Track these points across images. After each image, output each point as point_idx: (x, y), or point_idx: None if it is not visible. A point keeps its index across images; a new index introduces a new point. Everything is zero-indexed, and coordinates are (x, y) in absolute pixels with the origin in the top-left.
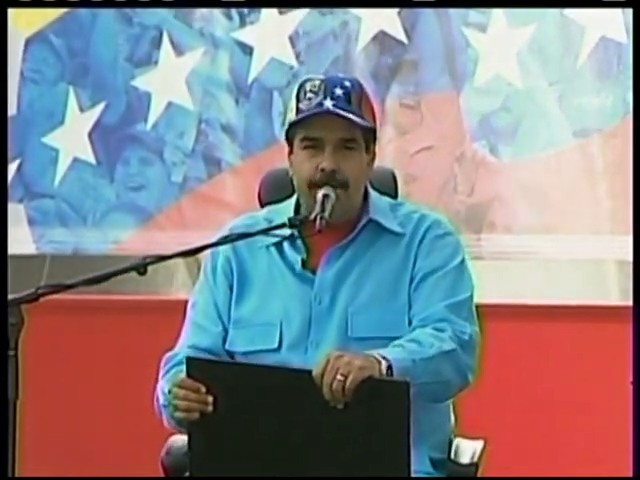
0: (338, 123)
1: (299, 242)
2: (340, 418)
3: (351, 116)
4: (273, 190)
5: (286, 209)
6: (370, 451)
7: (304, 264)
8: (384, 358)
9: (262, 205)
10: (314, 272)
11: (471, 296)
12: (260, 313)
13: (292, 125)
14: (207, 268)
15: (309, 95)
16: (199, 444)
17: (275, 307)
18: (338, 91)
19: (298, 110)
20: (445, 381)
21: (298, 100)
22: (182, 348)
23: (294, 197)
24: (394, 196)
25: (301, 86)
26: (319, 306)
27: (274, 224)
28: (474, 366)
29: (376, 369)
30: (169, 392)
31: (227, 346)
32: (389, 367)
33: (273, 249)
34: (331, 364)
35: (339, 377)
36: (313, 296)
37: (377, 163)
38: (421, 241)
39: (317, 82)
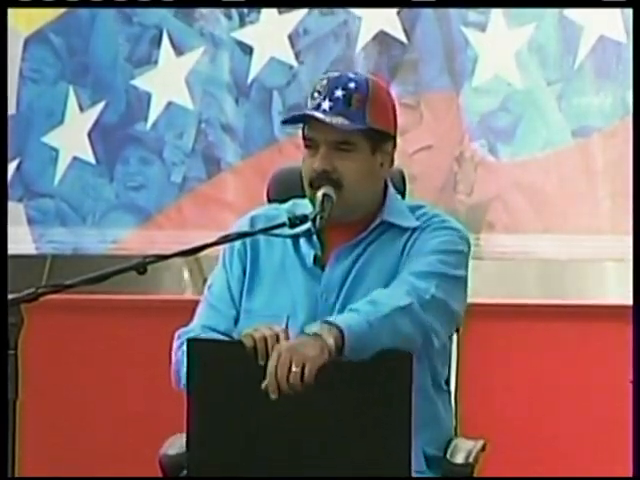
0: (331, 125)
1: (314, 238)
2: (343, 391)
3: (339, 120)
4: (281, 188)
5: (309, 204)
6: (372, 424)
7: (316, 260)
8: (336, 327)
9: (270, 203)
10: (324, 269)
11: (458, 277)
12: (269, 305)
13: (285, 123)
14: (225, 251)
15: (315, 94)
16: (200, 424)
17: (283, 300)
18: (338, 93)
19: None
20: (405, 336)
21: (311, 97)
22: (197, 326)
23: None
24: (402, 195)
25: (316, 83)
26: (325, 303)
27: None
28: (439, 330)
29: (325, 352)
30: None
31: (235, 335)
32: (342, 336)
33: (289, 241)
34: (283, 357)
35: (294, 369)
36: (320, 293)
37: None
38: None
39: (324, 82)
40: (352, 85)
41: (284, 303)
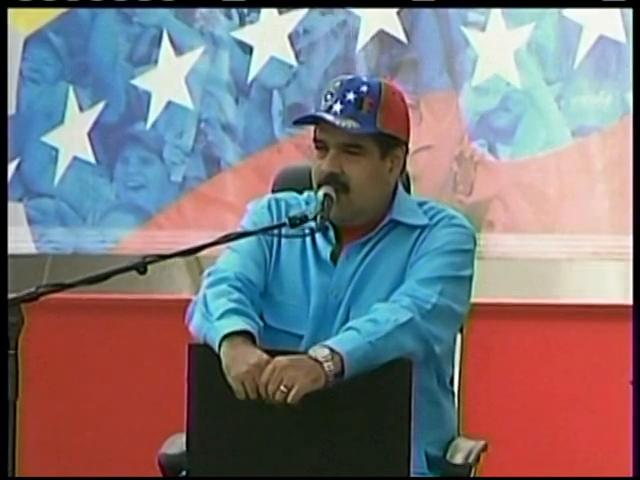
0: (340, 128)
1: (331, 233)
2: (343, 397)
3: (349, 123)
4: (286, 188)
5: None
6: (372, 429)
7: (332, 255)
8: (337, 354)
9: None
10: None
11: (463, 277)
12: (291, 296)
13: (296, 123)
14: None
15: (327, 96)
16: (200, 425)
17: (304, 293)
18: (350, 96)
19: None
20: (407, 352)
21: (323, 99)
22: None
23: None
24: None
25: (330, 85)
26: (335, 299)
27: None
28: (441, 336)
29: (321, 380)
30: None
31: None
32: (341, 363)
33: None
34: (276, 374)
35: (282, 388)
36: (330, 289)
37: None
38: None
39: (338, 84)
40: (364, 88)
41: (304, 296)
